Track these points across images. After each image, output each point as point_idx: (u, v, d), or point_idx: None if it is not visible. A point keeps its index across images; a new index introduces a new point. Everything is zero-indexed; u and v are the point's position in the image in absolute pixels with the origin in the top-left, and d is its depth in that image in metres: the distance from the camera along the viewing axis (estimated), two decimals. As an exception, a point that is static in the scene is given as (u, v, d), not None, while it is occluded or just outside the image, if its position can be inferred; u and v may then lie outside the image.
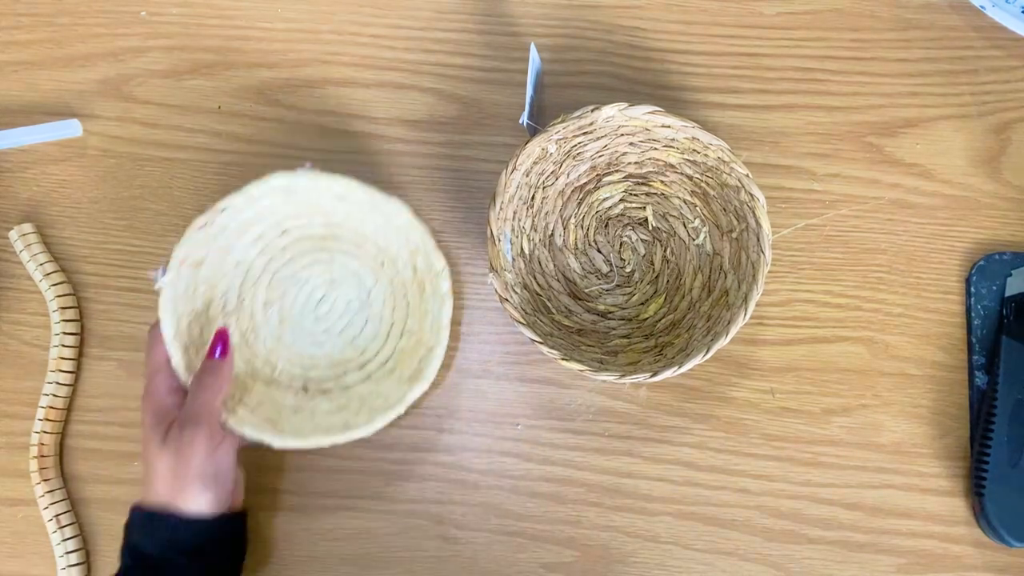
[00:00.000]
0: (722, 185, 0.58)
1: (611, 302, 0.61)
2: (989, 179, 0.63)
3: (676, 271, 0.61)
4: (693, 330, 0.58)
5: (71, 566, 0.58)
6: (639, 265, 0.62)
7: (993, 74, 0.65)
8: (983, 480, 0.57)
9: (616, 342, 0.60)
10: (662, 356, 0.57)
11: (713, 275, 0.60)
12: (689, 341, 0.57)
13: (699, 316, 0.59)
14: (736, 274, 0.58)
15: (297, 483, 0.60)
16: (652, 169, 0.61)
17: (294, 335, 0.60)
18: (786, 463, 0.60)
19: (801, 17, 0.66)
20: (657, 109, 0.56)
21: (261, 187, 0.55)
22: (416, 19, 0.67)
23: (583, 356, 0.56)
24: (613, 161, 0.61)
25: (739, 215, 0.58)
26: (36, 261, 0.62)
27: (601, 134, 0.59)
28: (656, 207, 0.62)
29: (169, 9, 0.67)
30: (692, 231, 0.61)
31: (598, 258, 0.62)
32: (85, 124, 0.65)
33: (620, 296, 0.61)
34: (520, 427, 0.61)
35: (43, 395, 0.60)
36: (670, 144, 0.59)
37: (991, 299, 0.61)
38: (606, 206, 0.62)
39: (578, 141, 0.59)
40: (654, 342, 0.59)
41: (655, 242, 0.62)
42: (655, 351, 0.58)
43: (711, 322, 0.57)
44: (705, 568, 0.59)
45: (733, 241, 0.59)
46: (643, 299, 0.61)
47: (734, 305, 0.56)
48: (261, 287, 0.60)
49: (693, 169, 0.59)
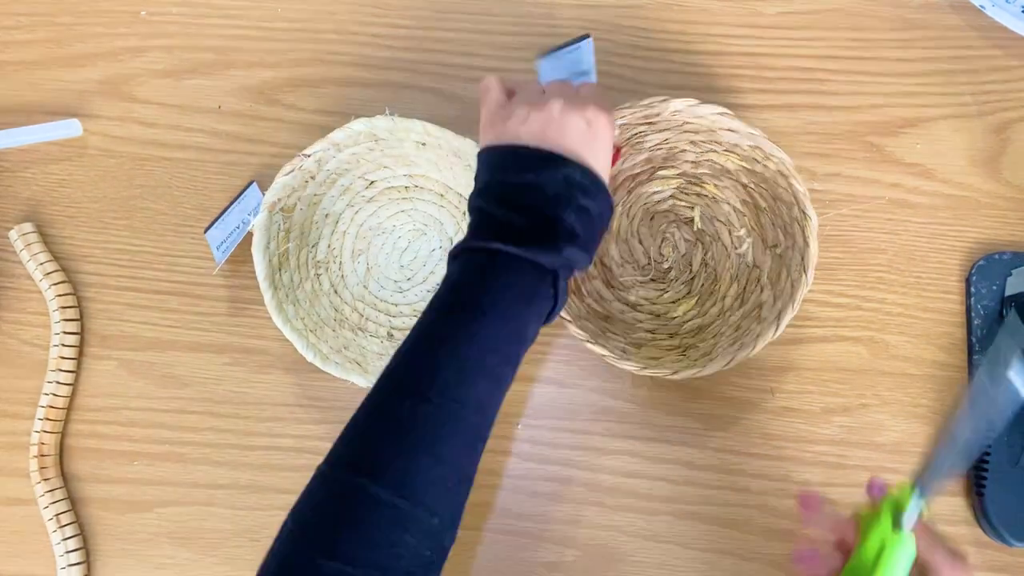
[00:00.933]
0: (775, 199, 0.58)
1: (643, 295, 0.61)
2: (989, 179, 0.63)
3: (713, 276, 0.61)
4: (719, 337, 0.58)
5: (71, 565, 0.58)
6: (677, 263, 0.62)
7: (993, 74, 0.65)
8: (983, 480, 0.57)
9: (640, 335, 0.60)
10: (684, 357, 0.57)
11: (749, 287, 0.59)
12: (714, 347, 0.57)
13: (727, 325, 0.59)
14: (773, 290, 0.57)
15: (297, 483, 0.60)
16: (708, 171, 0.61)
17: (380, 284, 0.62)
18: (786, 463, 0.60)
19: (801, 17, 0.66)
20: (726, 111, 0.56)
21: (344, 132, 0.57)
22: (416, 19, 0.67)
23: (607, 343, 0.56)
24: (670, 156, 0.61)
25: (787, 231, 0.57)
26: (36, 261, 0.62)
27: (665, 127, 0.59)
28: (705, 209, 0.62)
29: (169, 9, 0.67)
30: (736, 239, 0.61)
31: (638, 249, 0.62)
32: (85, 124, 0.65)
33: (653, 291, 0.61)
34: (520, 427, 0.61)
35: (43, 395, 0.60)
36: (731, 149, 0.59)
37: (991, 299, 0.61)
38: (655, 199, 0.62)
39: (640, 130, 0.59)
40: (678, 342, 0.59)
41: (697, 243, 0.62)
42: (678, 351, 0.58)
43: (739, 332, 0.57)
44: (705, 568, 0.58)
45: (776, 256, 0.58)
46: (675, 298, 0.61)
47: (766, 320, 0.56)
48: (349, 238, 0.62)
49: (749, 177, 0.59)
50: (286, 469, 0.60)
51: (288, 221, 0.59)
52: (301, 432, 0.61)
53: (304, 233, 0.61)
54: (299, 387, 0.61)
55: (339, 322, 0.60)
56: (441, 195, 0.62)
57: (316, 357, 0.56)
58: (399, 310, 0.62)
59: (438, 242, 0.62)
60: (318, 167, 0.59)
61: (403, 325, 0.61)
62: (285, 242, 0.59)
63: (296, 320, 0.57)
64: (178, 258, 0.63)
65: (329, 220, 0.62)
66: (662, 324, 0.60)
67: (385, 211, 0.63)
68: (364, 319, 0.61)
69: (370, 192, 0.62)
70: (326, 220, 0.62)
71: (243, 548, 0.59)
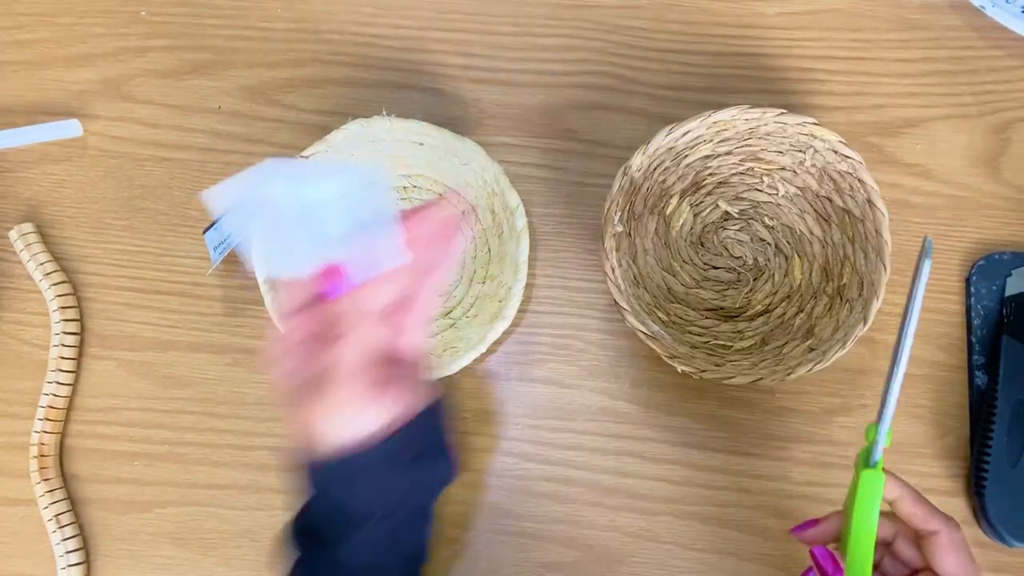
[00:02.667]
0: (764, 137, 0.58)
1: (762, 296, 0.61)
2: (989, 179, 0.63)
3: (786, 229, 0.61)
4: (849, 259, 0.58)
5: (71, 566, 0.58)
6: (755, 250, 0.62)
7: (993, 74, 0.65)
8: (983, 480, 0.57)
9: (798, 322, 0.60)
10: (848, 300, 0.57)
11: (816, 205, 0.60)
12: (855, 270, 0.57)
13: (839, 245, 0.59)
14: (838, 190, 0.58)
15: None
16: (695, 172, 0.61)
17: None
18: (786, 463, 0.60)
19: (801, 17, 0.66)
20: (671, 126, 0.56)
21: (341, 133, 0.57)
22: (416, 19, 0.67)
23: (796, 358, 0.57)
24: (662, 193, 0.61)
25: (798, 146, 0.58)
26: (36, 261, 0.62)
27: (640, 183, 0.59)
28: (724, 196, 0.62)
29: (169, 9, 0.67)
30: (768, 188, 0.61)
31: (719, 274, 0.62)
32: (85, 124, 0.65)
33: (764, 286, 0.61)
34: (520, 427, 0.61)
35: (43, 395, 0.60)
36: (696, 142, 0.59)
37: (991, 299, 0.61)
38: (687, 230, 0.62)
39: (629, 204, 0.59)
40: (825, 297, 0.59)
41: (749, 223, 0.62)
42: (838, 301, 0.58)
43: (859, 242, 0.57)
44: (705, 568, 0.58)
45: (810, 169, 0.59)
46: (784, 272, 0.61)
47: (865, 216, 0.56)
48: None
49: (728, 145, 0.60)
50: (286, 470, 0.60)
51: None
52: (301, 432, 0.61)
53: None
54: (299, 387, 0.61)
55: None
56: (439, 195, 0.63)
57: None
58: None
59: None
60: None
61: None
62: None
63: None
64: (178, 258, 0.63)
65: None
66: (800, 298, 0.60)
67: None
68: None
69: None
70: None
71: (243, 548, 0.59)
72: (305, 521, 0.42)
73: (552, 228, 0.63)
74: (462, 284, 0.62)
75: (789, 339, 0.59)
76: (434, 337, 0.60)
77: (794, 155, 0.59)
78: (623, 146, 0.64)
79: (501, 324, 0.56)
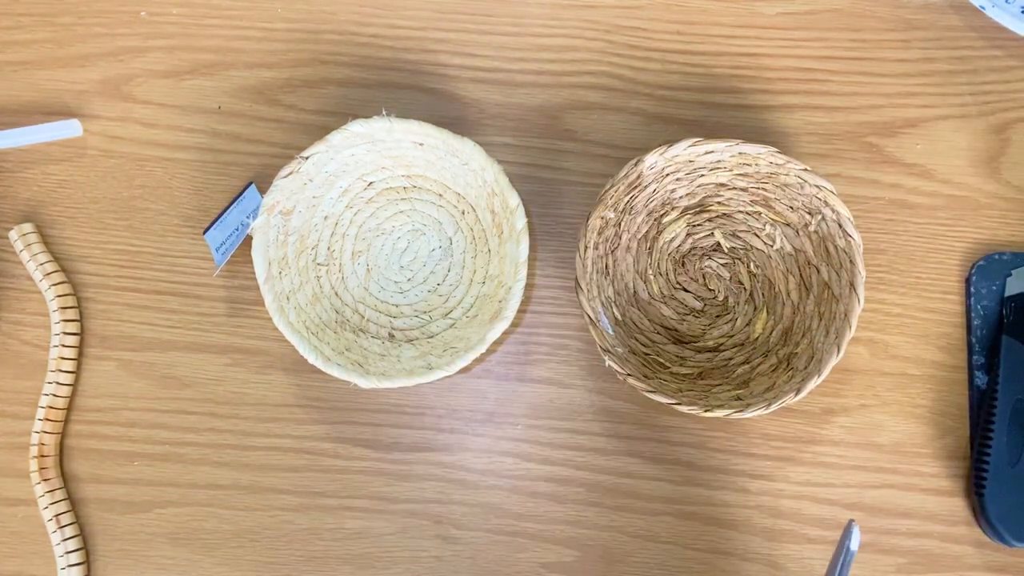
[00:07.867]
0: (782, 187, 0.58)
1: (718, 334, 0.61)
2: (989, 179, 0.63)
3: (767, 282, 0.60)
4: (809, 332, 0.57)
5: (71, 566, 0.58)
6: (729, 289, 0.61)
7: (993, 74, 0.65)
8: (983, 480, 0.57)
9: (740, 371, 0.59)
10: (792, 368, 0.57)
11: (804, 272, 0.59)
12: (812, 344, 0.57)
13: (808, 316, 0.58)
14: (829, 265, 0.57)
15: (297, 483, 0.60)
16: (705, 195, 0.61)
17: (380, 285, 0.62)
18: (786, 463, 0.60)
19: (801, 17, 0.66)
20: (697, 140, 0.56)
21: (341, 133, 0.57)
22: (416, 19, 0.67)
23: (720, 399, 0.56)
24: (666, 201, 0.61)
25: (810, 209, 0.57)
26: (36, 261, 0.62)
27: (648, 182, 0.59)
28: (723, 228, 0.61)
29: (169, 9, 0.67)
30: (767, 238, 0.60)
31: (687, 298, 0.61)
32: (85, 124, 0.65)
33: (724, 326, 0.61)
34: (520, 427, 0.61)
35: (43, 395, 0.60)
36: (716, 166, 0.58)
37: (991, 299, 0.61)
38: (675, 245, 0.62)
39: (629, 196, 0.59)
40: (775, 358, 0.58)
41: (735, 262, 0.61)
42: (783, 366, 0.57)
43: (826, 319, 0.56)
44: (705, 568, 0.59)
45: (812, 235, 0.58)
46: (747, 320, 0.60)
47: (842, 296, 0.55)
48: (349, 240, 0.62)
49: (746, 181, 0.59)
50: (286, 470, 0.60)
51: (287, 223, 0.59)
52: (301, 433, 0.61)
53: (303, 235, 0.61)
54: (299, 388, 0.61)
55: (340, 324, 0.60)
56: (439, 195, 0.63)
57: (319, 359, 0.56)
58: (400, 311, 0.62)
59: (437, 242, 0.62)
60: (316, 169, 0.59)
61: (404, 326, 0.61)
62: (284, 245, 0.59)
63: (298, 323, 0.57)
64: (178, 258, 0.64)
65: (328, 222, 0.62)
66: (751, 350, 0.60)
67: (384, 212, 0.63)
68: (365, 320, 0.61)
69: (368, 193, 0.63)
70: (325, 222, 0.62)
71: (243, 548, 0.59)
72: None
73: (552, 228, 0.63)
74: (462, 284, 0.62)
75: (723, 382, 0.58)
76: (434, 337, 0.60)
77: (803, 215, 0.58)
78: (623, 146, 0.64)
79: (501, 324, 0.56)
